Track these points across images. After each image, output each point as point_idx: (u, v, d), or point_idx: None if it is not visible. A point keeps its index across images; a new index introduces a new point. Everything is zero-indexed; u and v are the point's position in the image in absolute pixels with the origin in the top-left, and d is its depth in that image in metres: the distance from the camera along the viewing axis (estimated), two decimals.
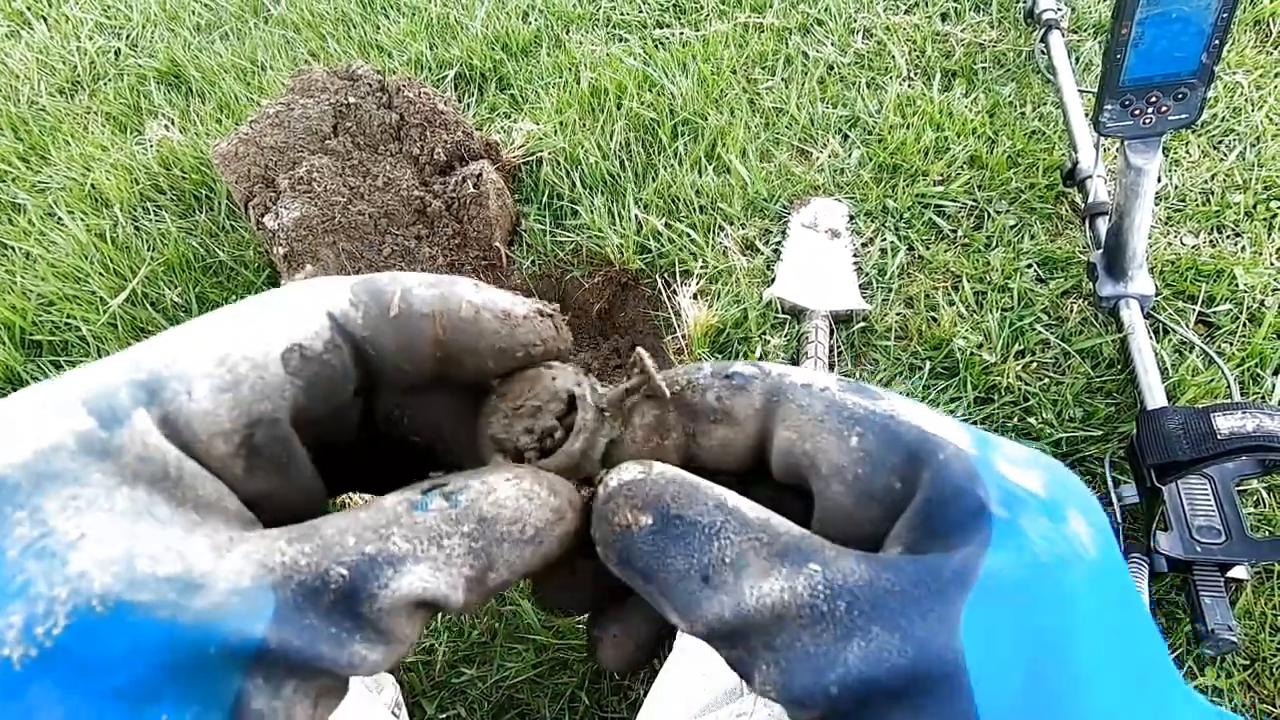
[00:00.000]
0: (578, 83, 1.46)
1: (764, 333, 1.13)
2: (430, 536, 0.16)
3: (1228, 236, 1.20)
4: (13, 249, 1.34)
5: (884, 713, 0.15)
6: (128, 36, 1.78)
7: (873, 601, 0.15)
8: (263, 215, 1.17)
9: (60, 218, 1.37)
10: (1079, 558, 0.16)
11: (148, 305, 1.24)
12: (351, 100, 1.27)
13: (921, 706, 0.15)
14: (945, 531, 0.16)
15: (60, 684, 0.13)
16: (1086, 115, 1.23)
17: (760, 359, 1.09)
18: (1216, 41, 0.83)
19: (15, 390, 1.08)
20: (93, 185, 1.41)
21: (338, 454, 0.20)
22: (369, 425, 0.21)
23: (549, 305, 0.21)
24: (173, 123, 1.53)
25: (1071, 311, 1.13)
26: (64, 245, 1.31)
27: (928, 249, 1.21)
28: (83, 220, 1.35)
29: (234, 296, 1.25)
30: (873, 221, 1.26)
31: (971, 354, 1.08)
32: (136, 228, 1.35)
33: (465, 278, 0.20)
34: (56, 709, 0.13)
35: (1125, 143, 0.95)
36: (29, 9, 1.88)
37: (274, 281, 1.26)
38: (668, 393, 0.20)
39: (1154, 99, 0.89)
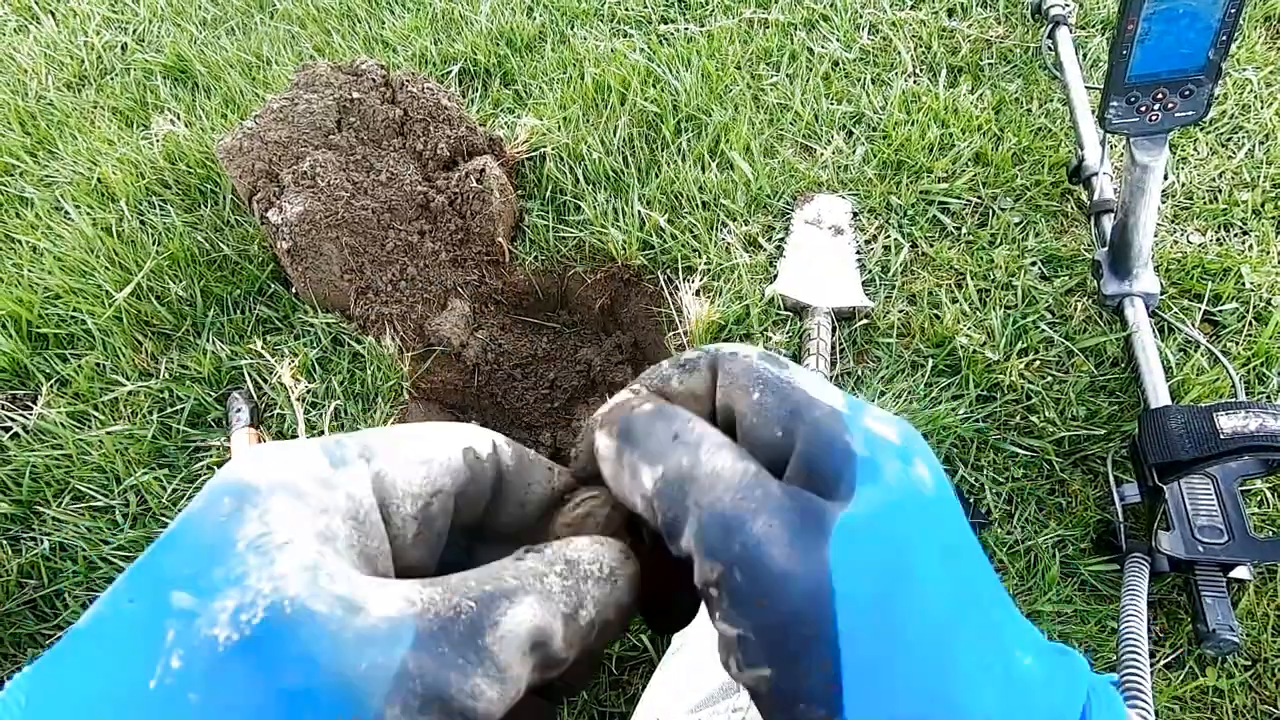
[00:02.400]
0: (582, 78, 1.46)
1: (766, 330, 1.13)
2: (533, 575, 0.20)
3: (1235, 235, 1.19)
4: (19, 242, 1.35)
5: (764, 591, 0.19)
6: (134, 31, 1.78)
7: (777, 503, 0.19)
8: (266, 210, 1.18)
9: (67, 211, 1.37)
10: (919, 493, 0.20)
11: (153, 299, 1.25)
12: (355, 95, 1.27)
13: (790, 596, 0.18)
14: (823, 472, 0.20)
15: (246, 673, 0.16)
16: (1093, 112, 1.22)
17: None
18: (1224, 37, 0.83)
19: (22, 383, 1.09)
20: (99, 179, 1.42)
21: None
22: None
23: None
24: (178, 117, 1.53)
25: (1075, 310, 1.12)
26: (70, 239, 1.32)
27: (931, 246, 1.21)
28: (89, 214, 1.36)
29: (238, 291, 1.26)
30: (876, 218, 1.25)
31: (974, 352, 1.08)
32: (142, 222, 1.35)
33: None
34: (239, 697, 0.15)
35: (1131, 140, 0.94)
36: (36, 3, 1.89)
37: (278, 276, 1.27)
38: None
39: (1160, 95, 0.88)
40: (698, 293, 1.17)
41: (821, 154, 1.33)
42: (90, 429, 1.12)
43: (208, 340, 1.21)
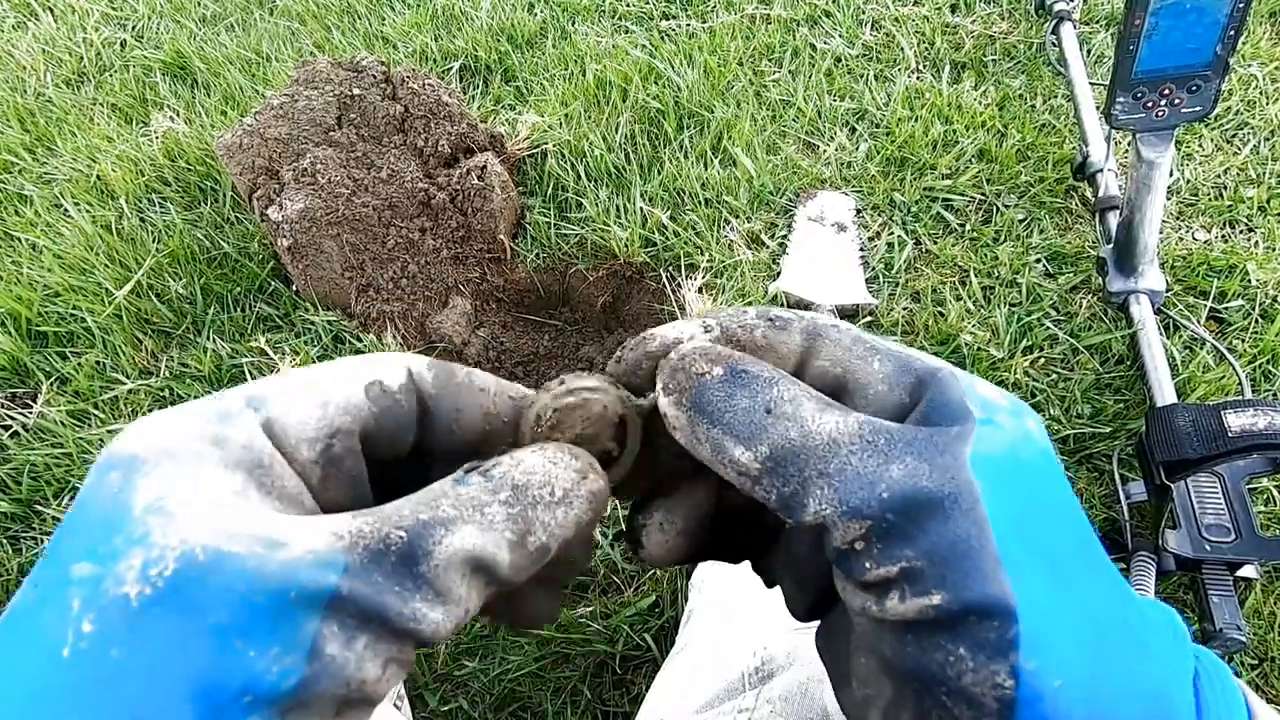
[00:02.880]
0: (583, 75, 1.45)
1: None
2: (473, 505, 0.19)
3: (1241, 231, 1.18)
4: (19, 240, 1.34)
5: (923, 519, 0.18)
6: (133, 28, 1.77)
7: (906, 441, 0.19)
8: (267, 207, 1.17)
9: (66, 209, 1.37)
10: (1034, 441, 0.21)
11: (153, 297, 1.24)
12: (356, 92, 1.26)
13: (951, 515, 0.18)
14: (944, 421, 0.20)
15: (168, 619, 0.16)
16: (1098, 108, 1.21)
17: None
18: (1231, 33, 0.82)
19: (22, 381, 1.08)
20: (98, 176, 1.41)
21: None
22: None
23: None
24: (178, 114, 1.53)
25: (1080, 307, 1.12)
26: (70, 236, 1.32)
27: (935, 243, 1.20)
28: (88, 211, 1.35)
29: (238, 289, 1.25)
30: (880, 215, 1.24)
31: (979, 349, 1.07)
32: (142, 219, 1.35)
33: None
34: (164, 641, 0.16)
35: (1137, 136, 0.93)
36: (35, 0, 1.88)
37: (279, 274, 1.26)
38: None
39: (1167, 91, 0.88)
40: (700, 290, 1.16)
41: (824, 150, 1.32)
42: (90, 427, 1.12)
43: (208, 338, 1.20)
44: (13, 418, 1.13)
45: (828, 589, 0.22)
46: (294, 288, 1.24)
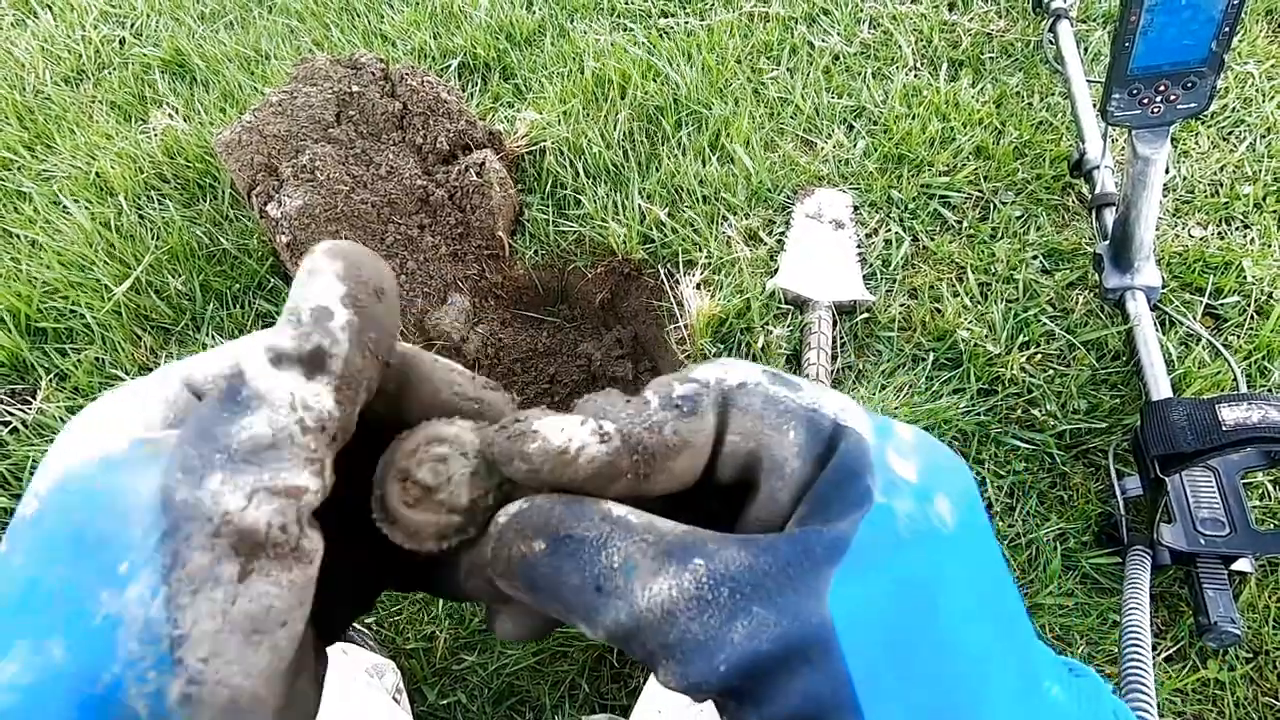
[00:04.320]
0: (581, 72, 1.45)
1: (767, 323, 1.12)
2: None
3: (1236, 228, 1.19)
4: (18, 236, 1.34)
5: (770, 683, 0.17)
6: (132, 25, 1.77)
7: (752, 584, 0.17)
8: (266, 204, 1.17)
9: (65, 206, 1.37)
10: (935, 532, 0.18)
11: (152, 293, 1.24)
12: (355, 89, 1.26)
13: (799, 671, 0.17)
14: (828, 513, 0.19)
15: (49, 522, 0.18)
16: (1094, 105, 1.22)
17: (762, 350, 1.09)
18: (1227, 29, 0.82)
19: (21, 377, 1.08)
20: (97, 174, 1.41)
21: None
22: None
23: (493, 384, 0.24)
24: (177, 111, 1.53)
25: (1077, 303, 1.12)
26: (69, 233, 1.32)
27: (932, 240, 1.21)
28: (87, 208, 1.36)
29: (237, 285, 1.25)
30: (877, 212, 1.25)
31: (975, 345, 1.08)
32: (141, 216, 1.35)
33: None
34: (49, 543, 0.18)
35: (1133, 132, 0.94)
36: None
37: (277, 270, 1.27)
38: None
39: (1163, 88, 0.88)
40: (698, 286, 1.17)
41: (822, 148, 1.33)
42: None
43: (207, 334, 1.20)
44: (12, 413, 1.13)
45: None
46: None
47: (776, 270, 1.18)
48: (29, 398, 1.17)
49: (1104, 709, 0.20)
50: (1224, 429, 0.77)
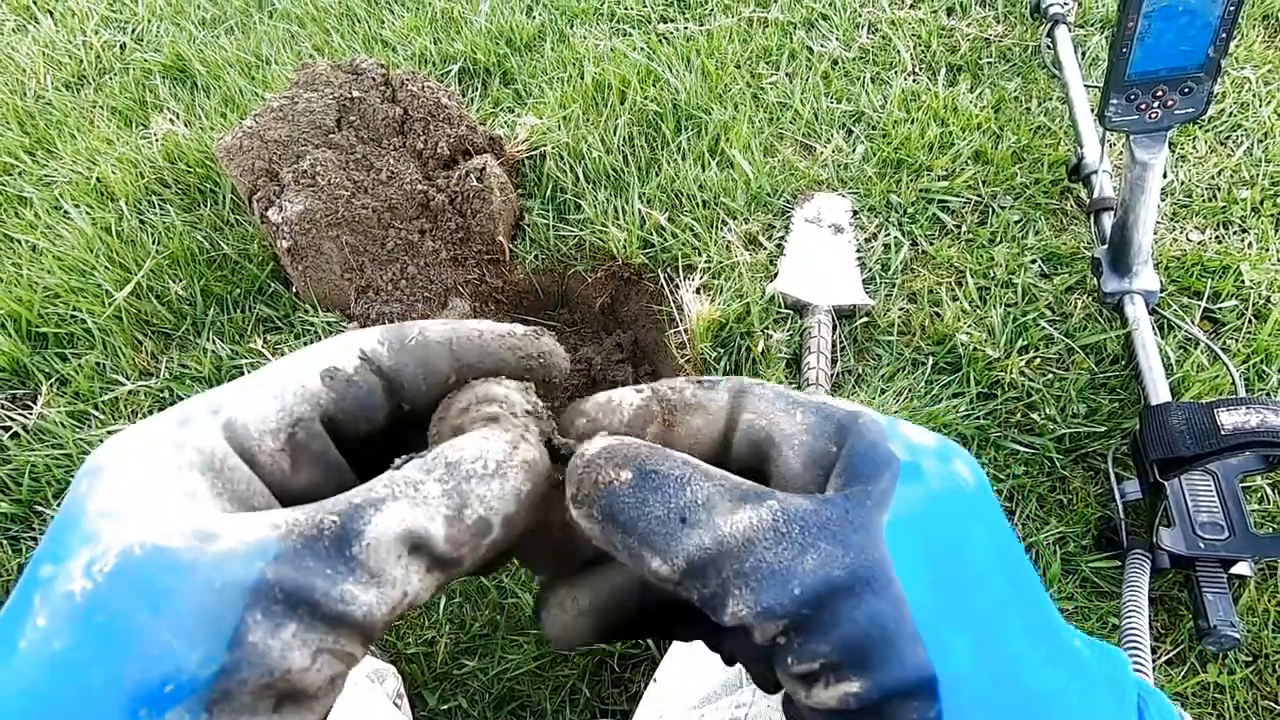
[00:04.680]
0: (581, 77, 1.46)
1: (766, 328, 1.13)
2: (406, 483, 0.19)
3: (1234, 232, 1.19)
4: (19, 242, 1.34)
5: (838, 609, 0.18)
6: (133, 31, 1.78)
7: (819, 524, 0.19)
8: (266, 209, 1.18)
9: (66, 211, 1.37)
10: (960, 488, 0.21)
11: (152, 298, 1.24)
12: (355, 94, 1.27)
13: (865, 598, 0.18)
14: (866, 474, 0.20)
15: (104, 612, 0.16)
16: (1092, 110, 1.22)
17: (762, 354, 1.09)
18: (1223, 35, 0.83)
19: (22, 382, 1.08)
20: (98, 179, 1.42)
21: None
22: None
23: (538, 329, 0.25)
24: (177, 117, 1.53)
25: (1076, 307, 1.13)
26: (70, 238, 1.32)
27: (931, 244, 1.21)
28: (88, 214, 1.36)
29: (238, 290, 1.26)
30: (876, 216, 1.25)
31: (975, 349, 1.08)
32: (141, 221, 1.35)
33: (473, 320, 0.24)
34: (99, 633, 0.16)
35: (1131, 137, 0.94)
36: (35, 3, 1.88)
37: (278, 275, 1.27)
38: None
39: (1160, 93, 0.88)
40: (698, 291, 1.17)
41: (821, 152, 1.33)
42: (90, 428, 1.12)
43: (208, 339, 1.21)
44: (13, 419, 1.13)
45: None
46: (293, 289, 1.24)
47: (776, 275, 1.18)
48: (29, 403, 1.17)
49: (1125, 670, 0.21)
50: (1223, 433, 0.78)
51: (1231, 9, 0.81)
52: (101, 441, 1.09)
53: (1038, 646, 0.19)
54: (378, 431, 0.23)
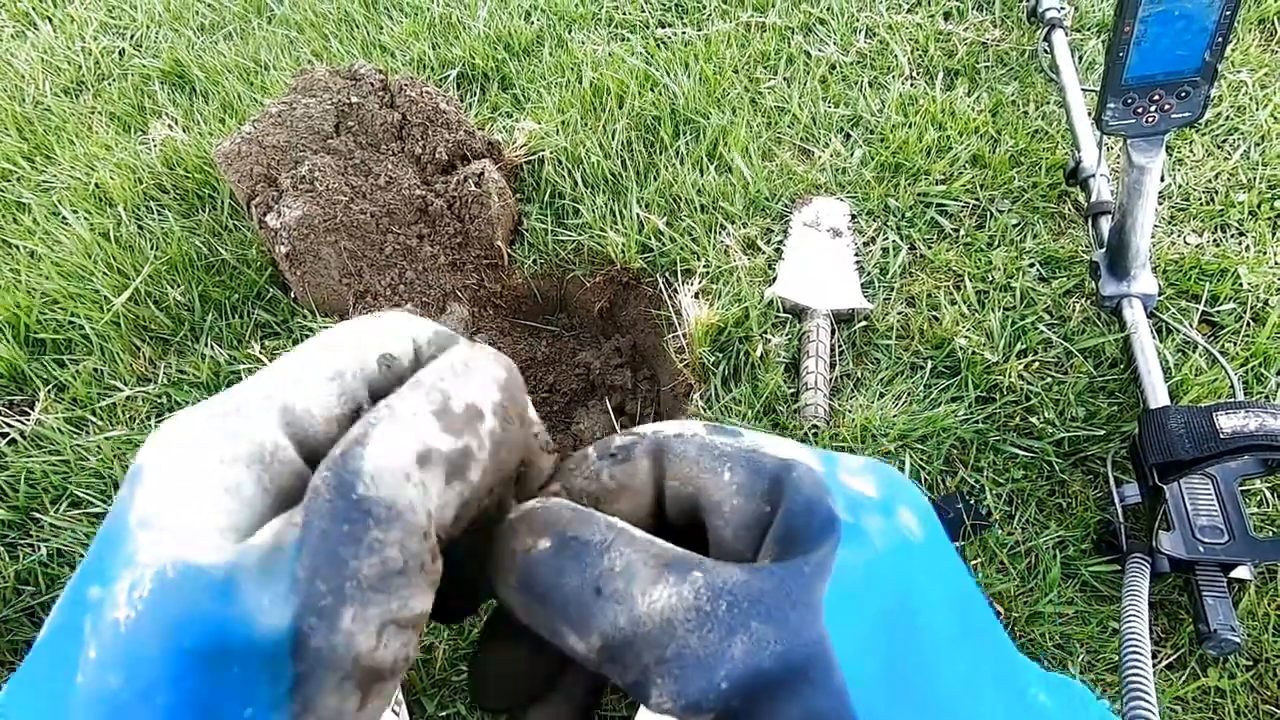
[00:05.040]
0: (580, 82, 1.46)
1: (765, 332, 1.13)
2: (384, 408, 0.18)
3: (1231, 235, 1.19)
4: (17, 247, 1.34)
5: (770, 703, 0.17)
6: (132, 36, 1.78)
7: (750, 599, 0.17)
8: (265, 214, 1.18)
9: (64, 217, 1.37)
10: (908, 544, 0.19)
11: (150, 304, 1.24)
12: (354, 99, 1.27)
13: (800, 691, 0.16)
14: (804, 539, 0.18)
15: (151, 642, 0.15)
16: (1089, 114, 1.23)
17: (761, 358, 1.09)
18: (1220, 39, 0.83)
19: (19, 388, 1.08)
20: (97, 184, 1.42)
21: None
22: None
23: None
24: (176, 122, 1.53)
25: (1074, 311, 1.13)
26: (68, 244, 1.32)
27: (930, 248, 1.21)
28: (86, 219, 1.36)
29: (236, 295, 1.25)
30: (875, 220, 1.25)
31: (973, 353, 1.08)
32: (140, 226, 1.35)
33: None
34: (151, 669, 0.15)
35: (1128, 141, 0.95)
36: (34, 9, 1.89)
37: (276, 280, 1.27)
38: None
39: (1157, 97, 0.89)
40: (697, 295, 1.17)
41: (819, 156, 1.33)
42: (88, 434, 1.12)
43: (206, 345, 1.21)
44: (10, 425, 1.13)
45: None
46: (292, 294, 1.24)
47: (775, 279, 1.18)
48: (27, 409, 1.17)
49: (1091, 714, 0.20)
50: (1222, 437, 0.78)
51: (1228, 13, 0.81)
52: (100, 449, 1.09)
53: (1005, 712, 0.18)
54: None
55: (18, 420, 1.14)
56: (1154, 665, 0.83)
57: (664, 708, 0.17)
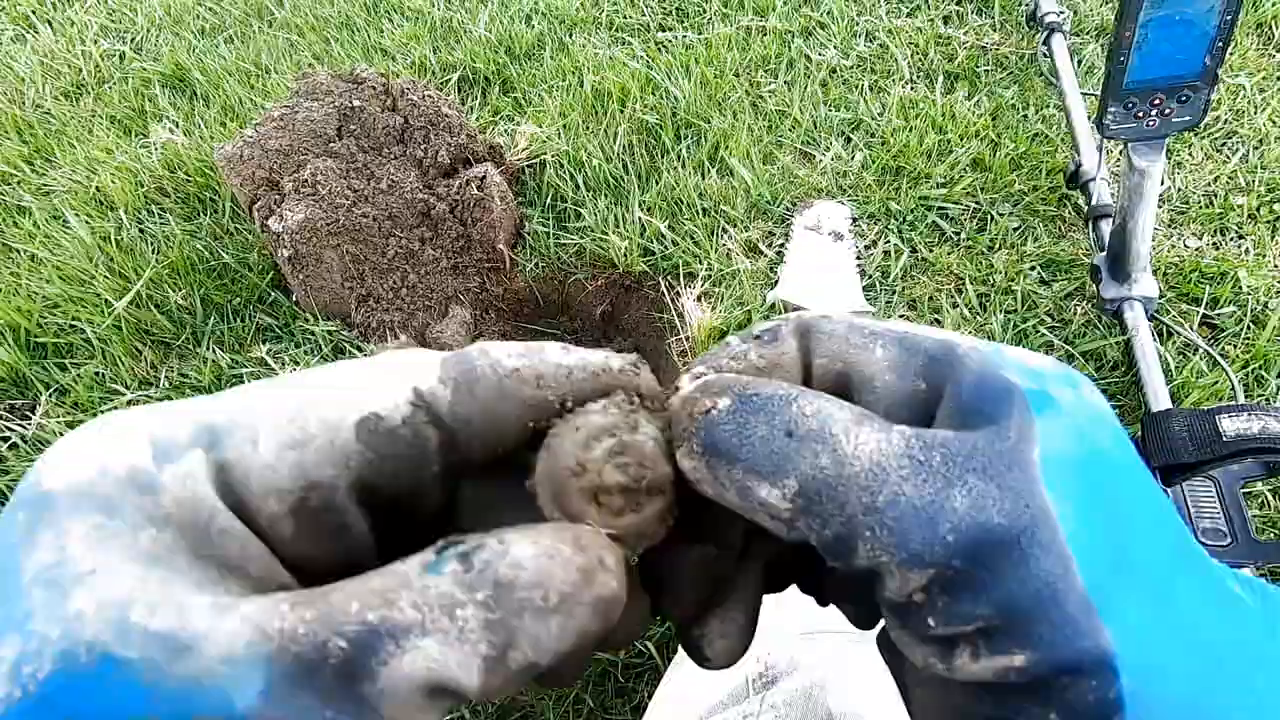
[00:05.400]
0: (581, 85, 1.46)
1: None
2: (442, 605, 0.14)
3: (1231, 239, 1.20)
4: (18, 251, 1.34)
5: (997, 564, 0.15)
6: (133, 40, 1.78)
7: (964, 455, 0.16)
8: (267, 218, 1.18)
9: (66, 220, 1.37)
10: (1103, 413, 0.17)
11: (152, 307, 1.24)
12: (356, 103, 1.27)
13: (1029, 554, 0.15)
14: (986, 410, 0.17)
15: None
16: (1089, 118, 1.23)
17: None
18: (1220, 44, 0.84)
19: (21, 392, 1.08)
20: (97, 188, 1.42)
21: (418, 528, 0.18)
22: (451, 511, 0.20)
23: (637, 359, 0.20)
24: (177, 125, 1.53)
25: (1075, 314, 1.13)
26: (69, 248, 1.32)
27: (931, 251, 1.21)
28: (87, 223, 1.36)
29: (238, 299, 1.25)
30: (876, 224, 1.26)
31: None
32: (141, 230, 1.35)
33: (552, 342, 0.19)
34: None
35: (1129, 145, 0.95)
36: (34, 13, 1.89)
37: (278, 284, 1.27)
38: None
39: (1157, 101, 0.89)
40: (699, 299, 1.17)
41: (820, 160, 1.33)
42: None
43: (208, 348, 1.20)
44: (11, 429, 1.13)
45: None
46: (294, 298, 1.24)
47: (777, 282, 1.18)
48: (28, 413, 1.17)
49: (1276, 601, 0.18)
50: (1224, 440, 0.78)
51: (1228, 18, 0.81)
52: None
53: (1208, 600, 0.16)
54: (423, 485, 0.18)
55: (19, 424, 1.14)
56: None
57: (877, 560, 0.16)
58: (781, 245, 1.24)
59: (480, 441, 0.18)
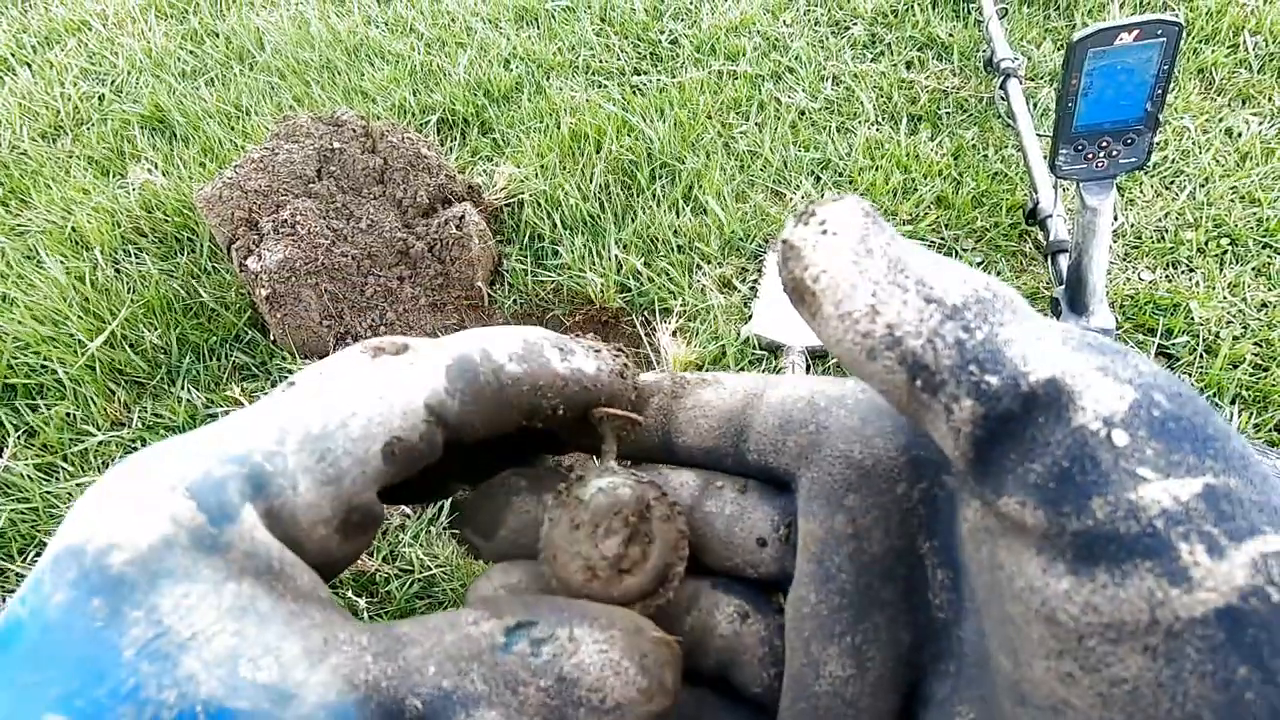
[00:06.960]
0: (558, 127, 1.50)
1: (742, 369, 1.15)
2: (507, 682, 0.16)
3: (1183, 271, 1.25)
4: None
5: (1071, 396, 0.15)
6: (113, 83, 1.80)
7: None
8: (246, 257, 1.18)
9: (40, 260, 1.36)
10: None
11: (126, 347, 1.23)
12: (336, 145, 1.29)
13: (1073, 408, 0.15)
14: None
15: None
16: (1044, 158, 1.29)
17: None
18: (1159, 91, 0.89)
19: None
20: (73, 228, 1.42)
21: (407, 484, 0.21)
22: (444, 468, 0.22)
23: (626, 365, 0.22)
24: (156, 166, 1.54)
25: None
26: (43, 288, 1.31)
27: None
28: (62, 262, 1.35)
29: (214, 338, 1.25)
30: None
31: None
32: (117, 270, 1.35)
33: (550, 343, 0.21)
34: None
35: (1080, 184, 1.00)
36: (13, 55, 1.90)
37: (255, 323, 1.27)
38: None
39: (1105, 144, 0.94)
40: (674, 334, 1.19)
41: (791, 199, 1.38)
42: (58, 481, 1.10)
43: (182, 388, 1.20)
44: None
45: None
46: (271, 336, 1.24)
47: (750, 317, 1.21)
48: None
49: None
50: None
51: (1165, 67, 0.87)
52: (71, 496, 1.07)
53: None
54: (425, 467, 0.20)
55: None
56: None
57: (953, 397, 0.15)
58: (755, 281, 1.27)
59: (479, 435, 0.20)
